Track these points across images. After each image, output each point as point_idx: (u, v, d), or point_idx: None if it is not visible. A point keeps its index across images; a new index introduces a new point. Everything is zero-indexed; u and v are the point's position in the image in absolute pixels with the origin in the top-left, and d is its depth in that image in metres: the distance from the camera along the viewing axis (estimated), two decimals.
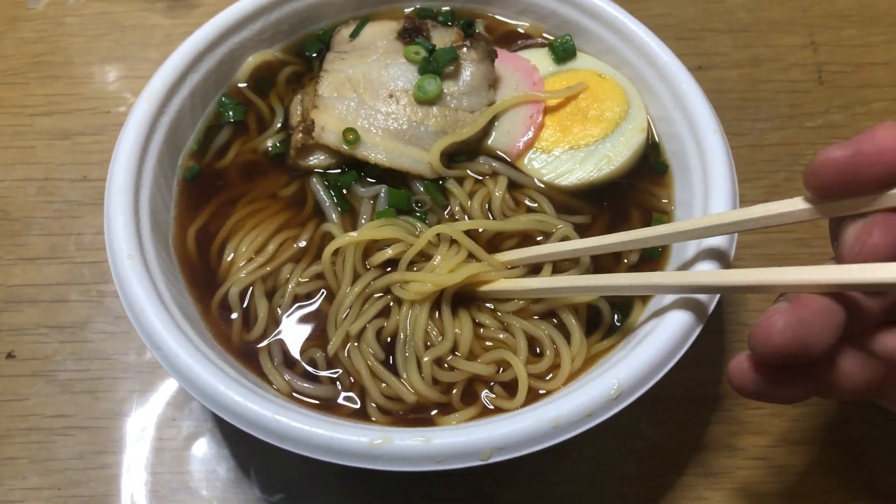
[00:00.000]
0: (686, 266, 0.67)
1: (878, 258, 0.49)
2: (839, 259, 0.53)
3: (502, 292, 0.69)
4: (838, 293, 0.50)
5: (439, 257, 0.70)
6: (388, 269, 0.72)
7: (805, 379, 0.52)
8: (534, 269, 0.72)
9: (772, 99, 1.05)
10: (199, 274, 0.74)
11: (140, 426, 0.80)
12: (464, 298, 0.71)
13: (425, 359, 0.67)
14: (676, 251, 0.72)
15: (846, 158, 0.50)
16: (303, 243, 0.76)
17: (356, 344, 0.69)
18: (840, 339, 0.50)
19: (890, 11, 1.12)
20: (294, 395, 0.67)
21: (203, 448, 0.79)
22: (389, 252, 0.71)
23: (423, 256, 0.71)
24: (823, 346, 0.49)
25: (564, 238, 0.73)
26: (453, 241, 0.71)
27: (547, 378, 0.68)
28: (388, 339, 0.70)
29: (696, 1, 1.14)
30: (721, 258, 0.65)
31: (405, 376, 0.67)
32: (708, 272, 0.63)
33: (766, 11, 1.13)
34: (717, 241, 0.65)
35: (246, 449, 0.78)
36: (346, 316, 0.70)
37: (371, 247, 0.72)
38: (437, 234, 0.71)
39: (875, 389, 0.55)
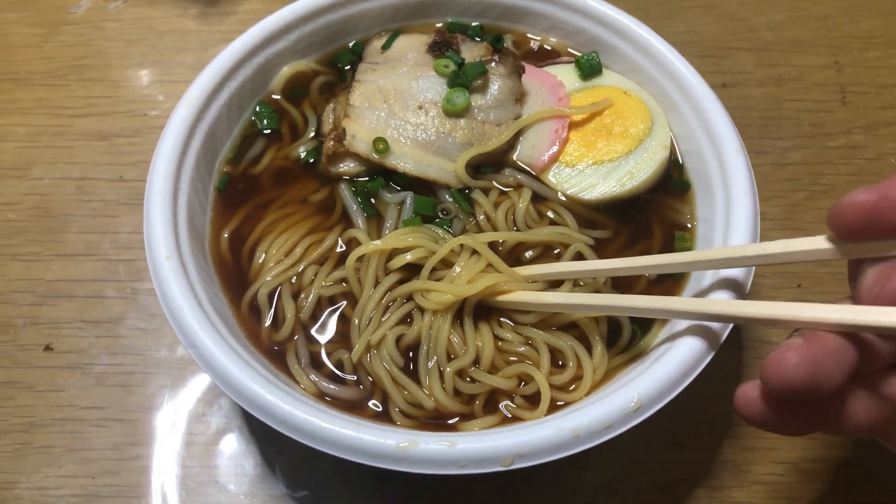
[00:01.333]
0: (704, 291, 0.69)
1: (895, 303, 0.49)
2: (856, 300, 0.53)
3: (520, 304, 0.71)
4: (852, 333, 0.50)
5: (459, 267, 0.72)
6: (410, 273, 0.74)
7: (811, 413, 0.52)
8: (553, 282, 0.74)
9: (794, 118, 1.06)
10: (232, 275, 0.77)
11: (170, 420, 0.83)
12: (484, 310, 0.73)
13: (448, 370, 0.69)
14: (695, 274, 0.74)
15: (871, 203, 0.51)
16: (329, 247, 0.78)
17: (376, 351, 0.71)
18: (852, 377, 0.50)
19: None
20: (320, 395, 0.70)
21: (231, 444, 0.81)
22: (409, 257, 0.73)
23: (445, 264, 0.73)
24: (834, 385, 0.49)
25: (577, 254, 0.75)
26: (475, 251, 0.73)
27: (570, 389, 0.70)
28: (410, 347, 0.72)
29: (719, 19, 1.16)
30: (738, 289, 0.66)
31: (427, 384, 0.70)
32: (725, 302, 0.64)
33: (790, 31, 1.14)
34: (736, 272, 0.67)
35: (272, 446, 0.81)
36: (369, 322, 0.72)
37: (394, 254, 0.75)
38: (460, 244, 0.73)
39: (880, 430, 0.55)
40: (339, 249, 0.78)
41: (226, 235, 0.78)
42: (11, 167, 1.00)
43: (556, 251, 0.77)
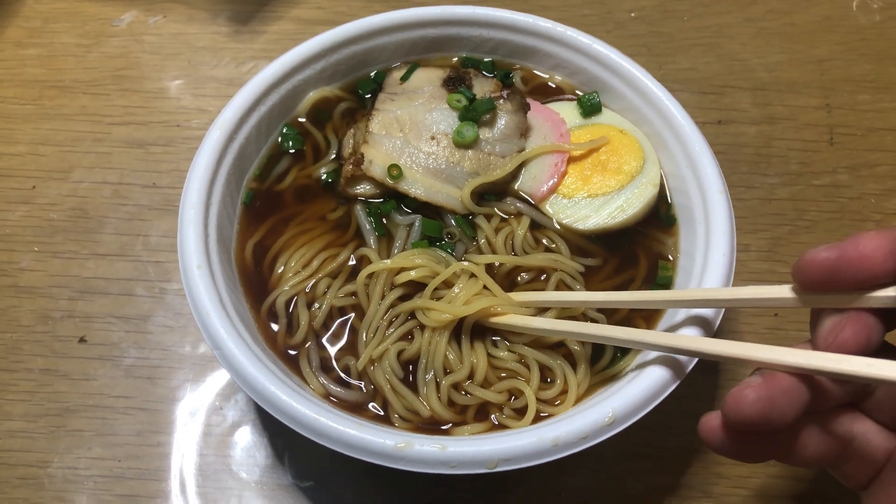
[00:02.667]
0: (677, 325, 0.75)
1: (847, 351, 0.55)
2: (814, 345, 0.58)
3: (511, 326, 0.78)
4: (807, 375, 0.56)
5: (457, 288, 0.79)
6: (415, 290, 0.81)
7: (766, 445, 0.59)
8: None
9: (784, 156, 1.13)
10: (254, 283, 0.84)
11: (190, 411, 0.91)
12: (480, 329, 0.80)
13: (444, 383, 0.77)
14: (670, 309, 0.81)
15: (830, 261, 0.56)
16: (342, 262, 0.85)
17: (379, 363, 0.78)
18: (805, 414, 0.56)
19: None
20: (327, 396, 0.77)
21: (245, 436, 0.89)
22: (412, 274, 0.80)
23: (447, 285, 0.80)
24: (786, 421, 0.55)
25: (560, 281, 0.83)
26: (473, 274, 0.80)
27: (556, 403, 0.77)
28: (411, 360, 0.79)
29: (720, 58, 1.23)
30: (707, 326, 0.73)
31: (424, 394, 0.77)
32: (693, 338, 0.69)
33: (785, 72, 1.21)
34: (708, 312, 0.74)
35: (282, 440, 0.88)
36: (374, 335, 0.79)
37: (402, 272, 0.82)
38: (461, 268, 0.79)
39: (830, 462, 0.61)
40: (350, 264, 0.86)
41: (250, 246, 0.86)
42: (54, 170, 1.09)
43: (543, 276, 0.84)
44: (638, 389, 0.69)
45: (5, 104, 1.15)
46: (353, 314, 0.83)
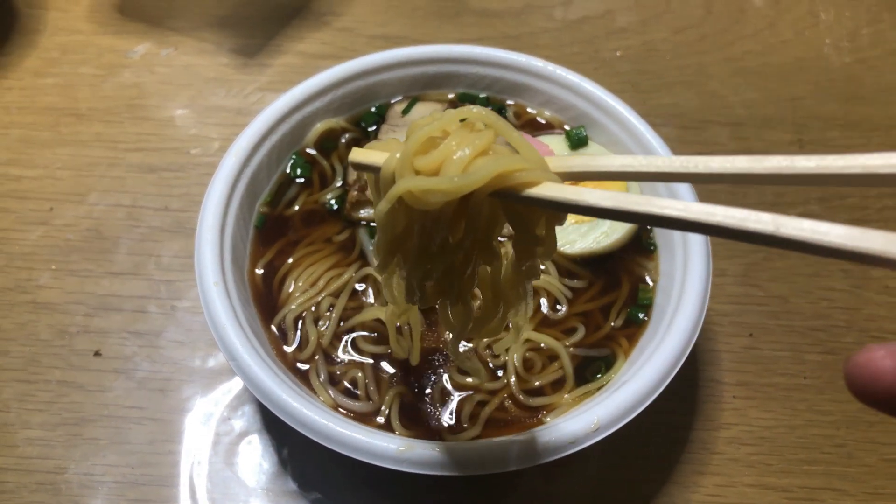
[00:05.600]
0: (665, 333, 0.82)
1: None
2: None
3: (550, 200, 0.51)
4: None
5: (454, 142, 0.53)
6: None
7: None
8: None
9: (759, 187, 1.20)
10: (265, 300, 0.90)
11: (200, 421, 0.96)
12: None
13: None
14: (656, 317, 0.88)
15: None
16: (346, 282, 0.91)
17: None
18: None
19: (869, 118, 1.28)
20: (335, 406, 0.83)
21: (252, 445, 0.94)
22: None
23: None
24: None
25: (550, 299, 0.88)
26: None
27: (544, 414, 0.83)
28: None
29: (700, 95, 1.31)
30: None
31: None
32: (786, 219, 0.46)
33: (761, 109, 1.29)
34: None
35: (287, 449, 0.93)
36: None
37: None
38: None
39: None
40: (354, 283, 0.92)
41: (261, 266, 0.92)
42: (71, 193, 1.14)
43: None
44: (621, 399, 0.75)
45: (24, 130, 1.21)
46: (359, 331, 0.88)
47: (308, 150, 1.02)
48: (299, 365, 0.86)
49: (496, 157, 0.51)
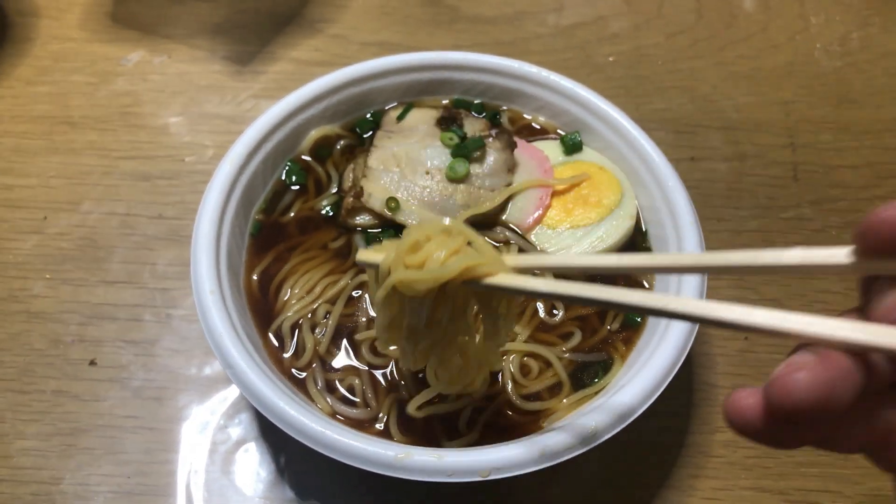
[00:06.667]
0: (661, 336, 0.82)
1: None
2: (873, 317, 0.49)
3: (509, 288, 0.64)
4: (863, 354, 0.47)
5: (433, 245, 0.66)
6: None
7: (807, 431, 0.49)
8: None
9: (752, 190, 1.21)
10: (261, 308, 0.90)
11: (196, 430, 0.95)
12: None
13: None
14: (652, 320, 0.88)
15: None
16: (342, 288, 0.91)
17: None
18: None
19: (859, 122, 1.29)
20: (333, 414, 0.83)
21: (249, 453, 0.94)
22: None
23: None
24: (843, 408, 0.46)
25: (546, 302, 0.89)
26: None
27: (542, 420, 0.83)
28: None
29: (693, 100, 1.32)
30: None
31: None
32: (724, 307, 0.51)
33: (753, 113, 1.30)
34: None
35: (284, 457, 0.93)
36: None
37: None
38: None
39: (872, 448, 0.52)
40: (350, 290, 0.92)
41: (257, 274, 0.92)
42: (65, 201, 1.14)
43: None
44: (618, 404, 0.75)
45: (17, 139, 1.21)
46: (355, 337, 0.88)
47: (303, 157, 1.02)
48: (296, 372, 0.86)
49: (465, 255, 0.64)
